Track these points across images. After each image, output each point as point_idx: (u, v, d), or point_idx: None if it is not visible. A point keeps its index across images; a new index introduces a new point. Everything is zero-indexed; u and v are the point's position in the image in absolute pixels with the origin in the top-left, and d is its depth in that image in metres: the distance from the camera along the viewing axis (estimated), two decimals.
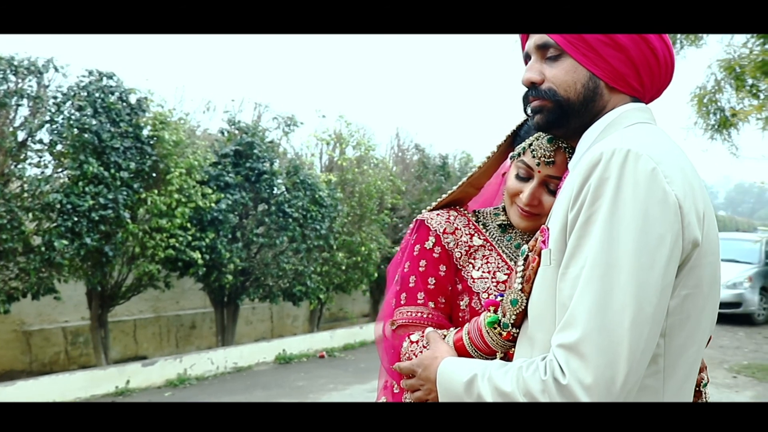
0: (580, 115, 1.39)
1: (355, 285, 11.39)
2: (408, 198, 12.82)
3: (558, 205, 1.31)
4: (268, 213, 9.47)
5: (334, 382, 8.58)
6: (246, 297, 9.60)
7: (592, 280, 1.13)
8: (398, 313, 1.74)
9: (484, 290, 1.71)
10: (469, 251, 1.76)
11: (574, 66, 1.36)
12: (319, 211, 9.96)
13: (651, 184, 1.15)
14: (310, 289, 10.08)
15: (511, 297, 1.38)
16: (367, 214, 11.22)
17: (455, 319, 1.74)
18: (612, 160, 1.17)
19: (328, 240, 10.23)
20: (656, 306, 1.13)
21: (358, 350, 11.06)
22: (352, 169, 11.10)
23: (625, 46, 1.33)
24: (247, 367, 9.24)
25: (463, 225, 1.80)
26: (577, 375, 1.10)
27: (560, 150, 1.59)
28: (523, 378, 1.18)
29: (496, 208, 1.87)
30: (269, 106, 9.85)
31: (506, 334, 1.43)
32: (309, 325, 11.66)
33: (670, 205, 1.15)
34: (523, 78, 1.43)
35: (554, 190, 1.62)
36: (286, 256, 9.65)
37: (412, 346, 1.65)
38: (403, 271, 1.78)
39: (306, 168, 10.17)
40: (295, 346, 10.09)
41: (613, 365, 1.09)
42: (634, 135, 1.26)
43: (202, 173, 8.50)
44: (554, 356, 1.15)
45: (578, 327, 1.12)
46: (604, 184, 1.16)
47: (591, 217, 1.16)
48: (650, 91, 1.43)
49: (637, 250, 1.12)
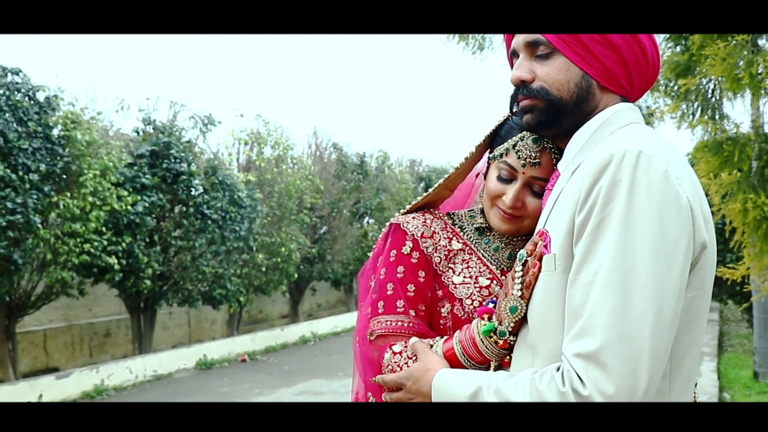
0: (572, 114, 1.35)
1: (275, 286, 11.25)
2: (327, 197, 12.78)
3: (561, 207, 1.26)
4: (186, 215, 9.20)
5: (260, 387, 8.44)
6: (164, 302, 9.29)
7: (610, 286, 1.09)
8: (376, 322, 1.64)
9: (467, 296, 1.62)
10: (449, 256, 1.67)
11: (567, 64, 1.32)
12: (239, 212, 9.77)
13: (664, 187, 1.12)
14: (230, 291, 9.87)
15: (511, 304, 1.32)
16: (286, 214, 11.11)
17: (436, 327, 1.64)
18: (624, 161, 1.13)
19: (247, 241, 10.05)
20: (674, 311, 1.11)
21: (281, 352, 10.93)
22: (271, 168, 10.95)
23: (618, 45, 1.31)
24: (168, 374, 8.94)
25: (440, 228, 1.70)
26: (598, 385, 1.06)
27: (546, 151, 1.52)
28: (537, 389, 1.14)
29: (471, 210, 1.77)
30: (186, 104, 9.61)
31: (503, 342, 1.36)
32: (228, 328, 11.42)
33: (682, 207, 1.13)
34: (513, 76, 1.38)
35: (539, 192, 1.55)
36: (206, 259, 9.40)
37: (396, 358, 1.56)
38: (379, 278, 1.67)
39: (224, 168, 9.95)
40: (216, 350, 9.85)
41: (635, 374, 1.06)
42: (639, 136, 1.23)
43: (118, 175, 8.15)
44: (571, 366, 1.11)
45: (597, 335, 1.08)
46: (617, 187, 1.12)
47: (603, 221, 1.12)
48: (637, 91, 1.41)
49: (654, 254, 1.09)
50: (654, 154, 1.14)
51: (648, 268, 1.09)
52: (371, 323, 1.65)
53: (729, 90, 5.14)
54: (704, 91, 6.43)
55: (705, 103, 6.22)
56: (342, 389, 8.31)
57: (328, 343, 12.03)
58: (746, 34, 4.22)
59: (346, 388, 8.29)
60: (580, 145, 1.35)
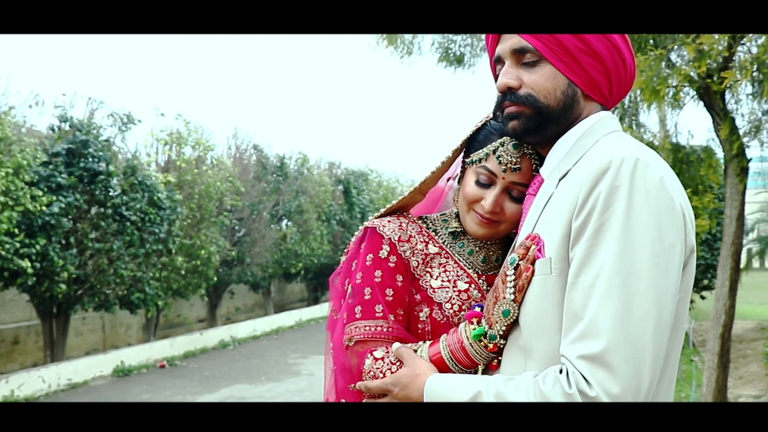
0: (558, 122, 1.36)
1: (193, 290, 10.96)
2: (247, 199, 12.58)
3: (553, 212, 1.27)
4: (103, 216, 8.84)
5: (182, 393, 8.23)
6: (79, 307, 8.89)
7: (612, 289, 1.12)
8: (354, 327, 1.59)
9: (446, 300, 1.60)
10: (426, 260, 1.65)
11: (554, 73, 1.34)
12: (158, 213, 9.47)
13: (661, 193, 1.16)
14: (149, 295, 9.55)
15: (503, 308, 1.31)
16: (206, 216, 10.86)
17: (413, 331, 1.62)
18: (622, 168, 1.16)
19: (167, 244, 9.76)
20: (671, 313, 1.14)
21: (200, 357, 10.67)
22: (191, 169, 10.67)
23: (602, 55, 1.34)
24: (83, 382, 8.57)
25: (416, 232, 1.68)
26: (604, 386, 1.08)
27: (526, 156, 1.52)
28: (541, 392, 1.15)
29: (444, 214, 1.76)
30: (104, 102, 9.23)
31: (493, 345, 1.36)
32: (145, 333, 11.04)
33: (677, 212, 1.17)
34: (500, 82, 1.38)
35: (517, 197, 1.55)
36: (124, 262, 9.07)
37: (378, 363, 1.53)
38: (356, 282, 1.63)
39: (144, 168, 9.63)
40: (134, 356, 9.52)
41: (639, 374, 1.09)
42: (631, 144, 1.26)
43: (32, 174, 7.74)
44: (576, 368, 1.12)
45: (602, 337, 1.10)
46: (616, 192, 1.15)
47: (603, 225, 1.14)
48: (615, 99, 1.43)
49: (653, 258, 1.13)
50: (650, 162, 1.18)
51: (648, 272, 1.12)
52: (348, 329, 1.61)
53: (646, 101, 5.45)
54: (623, 101, 6.82)
55: (623, 111, 6.57)
56: (266, 394, 8.22)
57: (247, 347, 11.84)
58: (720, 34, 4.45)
59: (270, 393, 8.21)
60: (564, 151, 1.37)
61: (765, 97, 4.87)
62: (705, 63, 5.02)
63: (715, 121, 5.68)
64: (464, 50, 8.26)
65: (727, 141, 5.49)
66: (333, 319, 1.76)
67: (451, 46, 8.28)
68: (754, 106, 5.99)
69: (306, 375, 9.27)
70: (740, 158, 5.53)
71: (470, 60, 8.25)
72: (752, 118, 6.02)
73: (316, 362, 10.14)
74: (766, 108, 5.86)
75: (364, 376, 1.54)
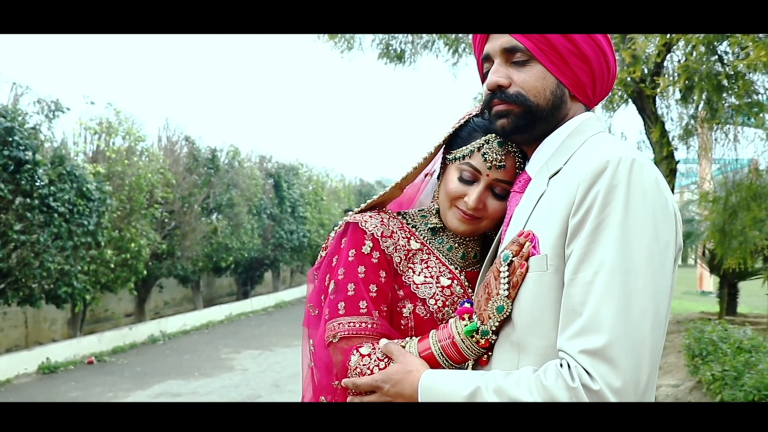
0: (546, 121, 1.39)
1: (122, 284, 10.64)
2: (178, 191, 12.30)
3: (547, 210, 1.29)
4: (29, 207, 8.45)
5: (113, 390, 8.00)
6: (2, 302, 8.49)
7: (612, 285, 1.14)
8: (337, 324, 1.57)
9: (429, 296, 1.61)
10: (408, 255, 1.65)
11: (544, 73, 1.36)
12: (87, 205, 9.14)
13: (656, 193, 1.20)
14: (77, 289, 9.20)
15: (497, 304, 1.32)
16: (136, 208, 10.57)
17: (396, 327, 1.61)
18: (619, 168, 1.19)
19: (96, 236, 9.43)
20: (667, 308, 1.18)
21: (130, 353, 10.39)
22: (121, 160, 10.35)
23: (589, 57, 1.37)
24: (6, 380, 8.20)
25: (397, 228, 1.68)
26: (606, 379, 1.11)
27: (510, 155, 1.54)
28: (544, 386, 1.16)
29: (422, 210, 1.76)
30: (30, 87, 8.79)
31: (485, 341, 1.37)
32: (70, 328, 10.64)
33: (670, 212, 1.21)
34: (490, 81, 1.40)
35: (500, 194, 1.57)
36: (50, 255, 8.70)
37: (365, 360, 1.50)
38: (338, 278, 1.61)
39: (72, 158, 9.28)
40: (60, 352, 9.19)
41: (639, 368, 1.12)
42: (623, 144, 1.29)
43: None
44: (578, 362, 1.15)
45: (604, 332, 1.13)
46: (614, 191, 1.18)
47: (602, 223, 1.17)
48: (597, 100, 1.47)
49: (650, 255, 1.16)
50: (645, 163, 1.22)
51: (646, 269, 1.16)
52: (331, 325, 1.59)
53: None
54: None
55: None
56: (201, 389, 8.09)
57: (178, 342, 11.60)
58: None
59: (205, 389, 8.09)
60: (551, 150, 1.41)
61: (696, 103, 5.18)
62: (639, 68, 5.28)
63: (647, 124, 6.00)
64: (405, 47, 8.35)
65: (658, 143, 5.81)
66: (310, 314, 1.75)
67: (392, 42, 8.35)
68: (683, 110, 6.35)
69: (240, 370, 9.17)
70: (669, 160, 5.86)
71: (411, 57, 8.36)
72: (681, 123, 6.38)
73: (249, 357, 10.05)
74: (692, 113, 6.23)
75: (350, 372, 1.53)
